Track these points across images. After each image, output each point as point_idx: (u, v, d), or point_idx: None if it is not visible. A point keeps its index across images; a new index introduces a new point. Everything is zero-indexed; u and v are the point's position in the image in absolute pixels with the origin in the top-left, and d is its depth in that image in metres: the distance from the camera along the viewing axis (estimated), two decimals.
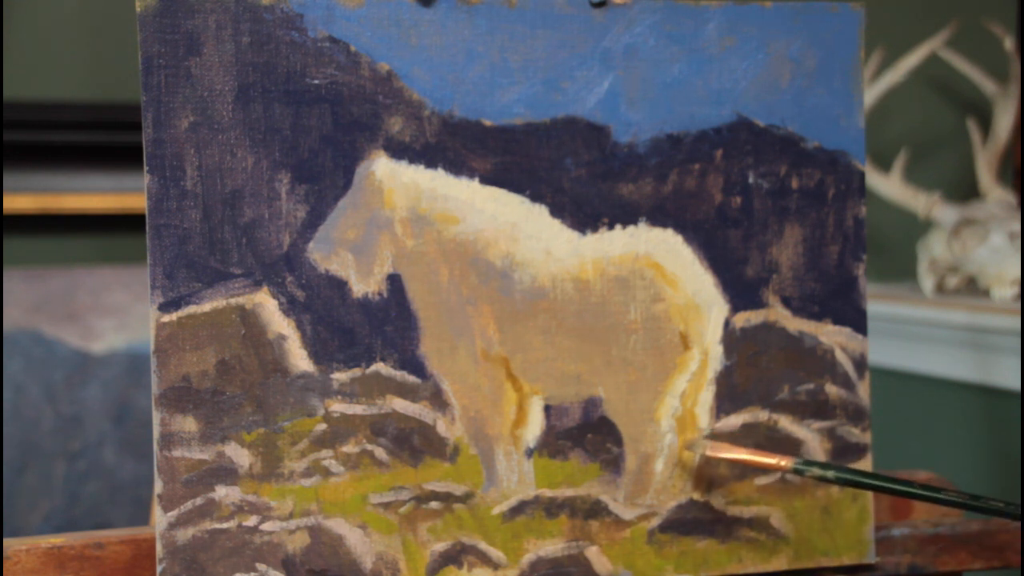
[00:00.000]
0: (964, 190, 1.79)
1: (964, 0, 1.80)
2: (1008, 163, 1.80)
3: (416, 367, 0.77)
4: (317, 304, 0.75)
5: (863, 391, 0.84)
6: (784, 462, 0.77)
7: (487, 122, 0.78)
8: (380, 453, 0.76)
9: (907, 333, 1.57)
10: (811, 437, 0.83)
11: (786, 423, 0.83)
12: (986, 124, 1.72)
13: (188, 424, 0.73)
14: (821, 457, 0.83)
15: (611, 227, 0.80)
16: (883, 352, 1.61)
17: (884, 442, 1.55)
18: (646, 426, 0.80)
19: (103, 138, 1.53)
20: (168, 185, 0.73)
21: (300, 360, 0.75)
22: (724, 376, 0.82)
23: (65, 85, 1.55)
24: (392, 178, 0.76)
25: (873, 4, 1.04)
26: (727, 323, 0.82)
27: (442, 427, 0.77)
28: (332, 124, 0.75)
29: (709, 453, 0.79)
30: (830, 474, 0.76)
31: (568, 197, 0.79)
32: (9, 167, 1.50)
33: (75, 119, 1.52)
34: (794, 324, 0.83)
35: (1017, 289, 1.51)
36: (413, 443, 0.76)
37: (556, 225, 0.79)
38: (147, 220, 0.73)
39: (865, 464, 0.84)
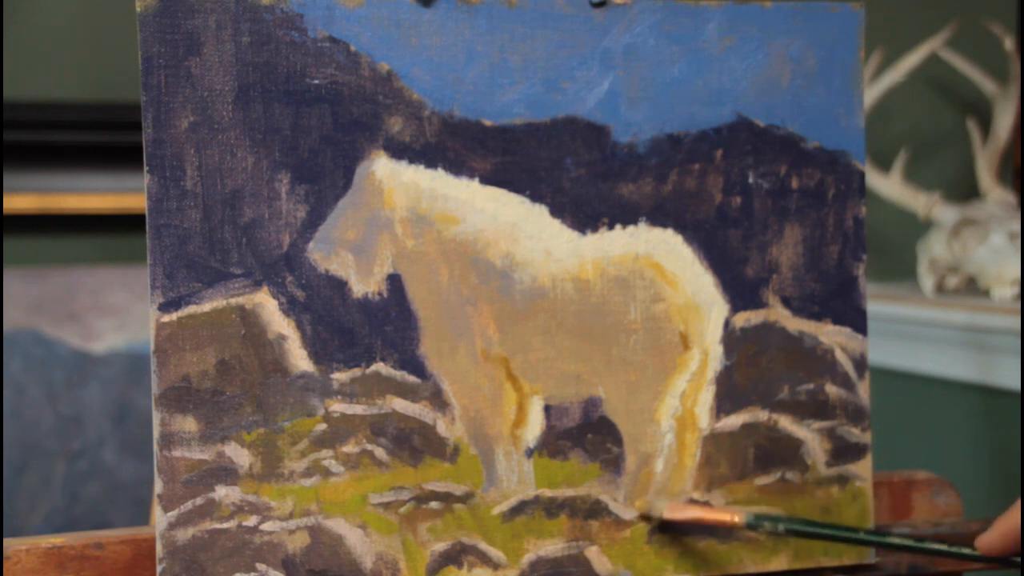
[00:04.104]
0: (964, 190, 1.79)
1: (964, 0, 1.80)
2: (1008, 163, 1.80)
3: (416, 367, 0.77)
4: (317, 304, 0.75)
5: (863, 391, 0.84)
6: (737, 518, 0.78)
7: (487, 122, 0.78)
8: (380, 453, 0.76)
9: (907, 333, 1.57)
10: (811, 437, 0.83)
11: (786, 423, 0.83)
12: (986, 124, 1.72)
13: (188, 424, 0.73)
14: (822, 458, 0.83)
15: (611, 227, 0.80)
16: (883, 352, 1.61)
17: (884, 442, 1.55)
18: (646, 426, 0.81)
19: (103, 138, 1.53)
20: (168, 185, 0.73)
21: (300, 360, 0.75)
22: (724, 376, 0.82)
23: (65, 85, 1.55)
24: (392, 178, 0.76)
25: (873, 4, 1.04)
26: (727, 323, 0.82)
27: (442, 427, 0.77)
28: (332, 124, 0.75)
29: (667, 515, 0.79)
30: (781, 527, 0.78)
31: (568, 197, 0.79)
32: (9, 167, 1.50)
33: (75, 119, 1.52)
34: (794, 324, 0.83)
35: (1017, 289, 1.51)
36: (413, 443, 0.76)
37: (556, 225, 0.79)
38: (147, 220, 0.73)
39: (865, 464, 0.84)
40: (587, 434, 0.79)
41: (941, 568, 0.87)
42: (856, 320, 0.84)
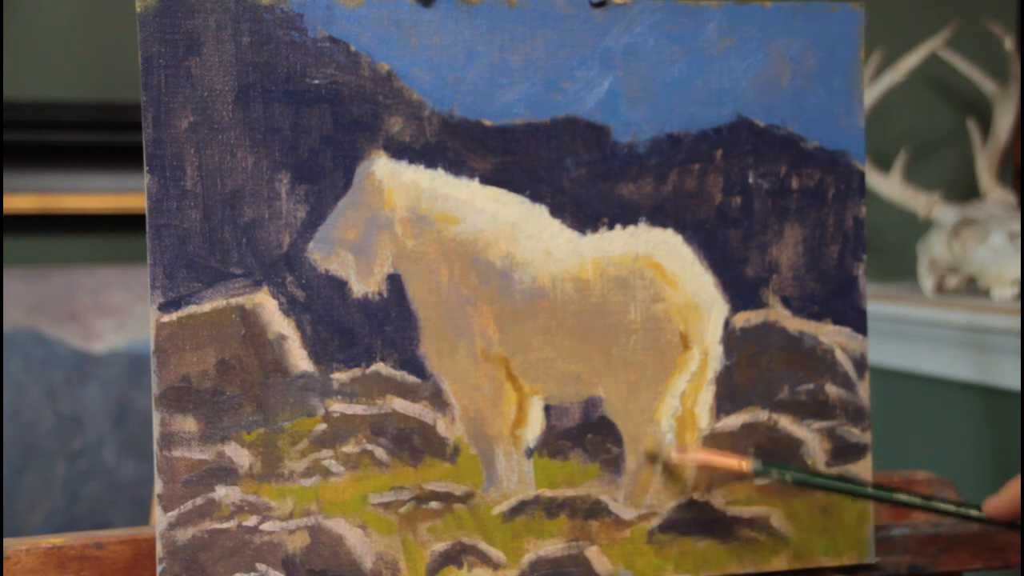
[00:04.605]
0: (964, 190, 1.79)
1: (964, 0, 1.80)
2: (1008, 163, 1.80)
3: (416, 367, 0.77)
4: (317, 304, 0.75)
5: (863, 391, 0.84)
6: (745, 465, 0.78)
7: (487, 122, 0.78)
8: (380, 453, 0.76)
9: (907, 333, 1.57)
10: (811, 437, 0.83)
11: (786, 423, 0.83)
12: (986, 124, 1.72)
13: (188, 424, 0.73)
14: (822, 457, 0.83)
15: (611, 227, 0.80)
16: (883, 352, 1.61)
17: (884, 442, 1.55)
18: (646, 426, 0.81)
19: (103, 138, 1.53)
20: (168, 185, 0.73)
21: (300, 360, 0.75)
22: (724, 376, 0.82)
23: (65, 85, 1.55)
24: (392, 178, 0.76)
25: (873, 4, 1.04)
26: (727, 323, 0.82)
27: (442, 427, 0.77)
28: (332, 124, 0.75)
29: (674, 457, 0.80)
30: (788, 476, 0.78)
31: (568, 197, 0.79)
32: (9, 167, 1.50)
33: (75, 119, 1.52)
34: (794, 324, 0.83)
35: (1017, 289, 1.51)
36: (413, 443, 0.76)
37: (556, 225, 0.79)
38: (147, 220, 0.73)
39: (865, 464, 0.84)
40: (587, 434, 0.79)
41: (941, 568, 0.87)
42: (856, 320, 0.84)
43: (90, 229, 1.58)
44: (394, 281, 0.76)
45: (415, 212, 0.77)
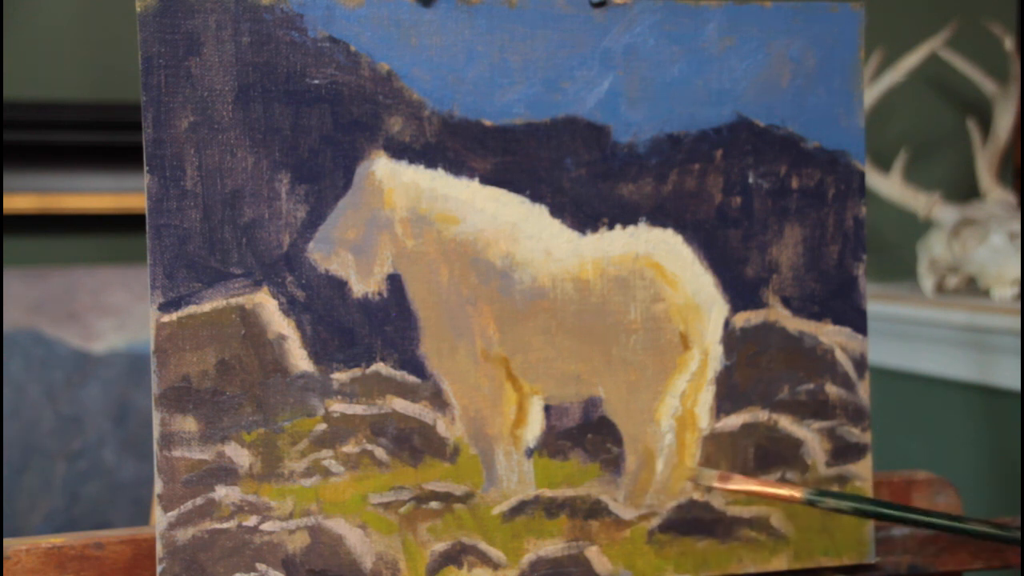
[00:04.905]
0: (964, 190, 1.80)
1: (964, 0, 1.80)
2: (1008, 163, 1.80)
3: (416, 367, 0.77)
4: (317, 304, 0.75)
5: (863, 391, 0.84)
6: (796, 493, 0.76)
7: (487, 122, 0.78)
8: (380, 453, 0.76)
9: (907, 333, 1.57)
10: (811, 437, 0.83)
11: (786, 423, 0.83)
12: (986, 124, 1.72)
13: (188, 424, 0.73)
14: (822, 458, 0.83)
15: (611, 227, 0.80)
16: (883, 352, 1.61)
17: (884, 442, 1.55)
18: (646, 426, 0.81)
19: (103, 138, 1.53)
20: (168, 185, 0.73)
21: (300, 360, 0.75)
22: (724, 376, 0.82)
23: (65, 85, 1.55)
24: (392, 178, 0.76)
25: (873, 4, 1.04)
26: (727, 323, 0.82)
27: (442, 427, 0.77)
28: (332, 124, 0.75)
29: (717, 485, 0.78)
30: (845, 505, 0.75)
31: (568, 197, 0.79)
32: (9, 167, 1.50)
33: (75, 119, 1.52)
34: (794, 324, 0.83)
35: (1017, 289, 1.51)
36: (413, 443, 0.77)
37: (556, 225, 0.79)
38: (147, 220, 0.73)
39: (865, 464, 0.84)
40: (587, 434, 0.79)
41: (941, 568, 0.87)
42: (856, 320, 0.84)
43: (90, 229, 1.58)
44: (394, 281, 0.76)
45: (415, 212, 0.77)
